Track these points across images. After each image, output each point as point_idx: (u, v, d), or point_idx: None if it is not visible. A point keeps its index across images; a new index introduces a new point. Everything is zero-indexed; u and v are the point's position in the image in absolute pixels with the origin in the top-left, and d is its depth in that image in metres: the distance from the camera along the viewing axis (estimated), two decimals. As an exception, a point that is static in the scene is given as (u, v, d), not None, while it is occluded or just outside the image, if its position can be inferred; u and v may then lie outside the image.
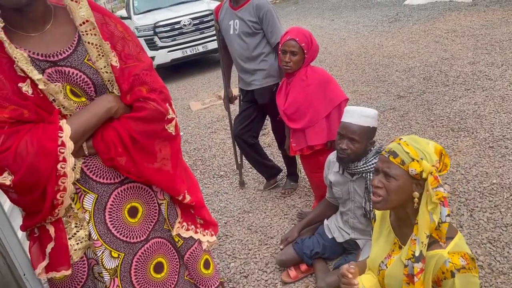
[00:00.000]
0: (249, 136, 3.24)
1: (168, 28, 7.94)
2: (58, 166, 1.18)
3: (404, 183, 1.41)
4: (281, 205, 3.23)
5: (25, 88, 1.18)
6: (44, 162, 1.15)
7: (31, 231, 1.33)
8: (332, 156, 2.39)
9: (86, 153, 1.29)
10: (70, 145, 1.19)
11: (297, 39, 2.45)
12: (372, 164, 2.09)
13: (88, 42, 1.26)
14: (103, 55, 1.27)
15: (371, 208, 2.15)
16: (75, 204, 1.31)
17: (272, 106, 2.86)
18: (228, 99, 3.42)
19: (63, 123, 1.20)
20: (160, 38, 7.94)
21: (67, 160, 1.19)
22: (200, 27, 8.06)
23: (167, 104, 1.36)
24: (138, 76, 1.30)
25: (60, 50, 1.25)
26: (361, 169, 2.12)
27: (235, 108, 3.74)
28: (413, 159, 1.39)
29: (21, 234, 1.53)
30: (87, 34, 1.26)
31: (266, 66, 2.97)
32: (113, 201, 1.36)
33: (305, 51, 2.47)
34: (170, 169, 1.39)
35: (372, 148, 2.14)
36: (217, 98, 6.30)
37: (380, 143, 3.71)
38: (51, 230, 1.29)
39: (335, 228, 2.43)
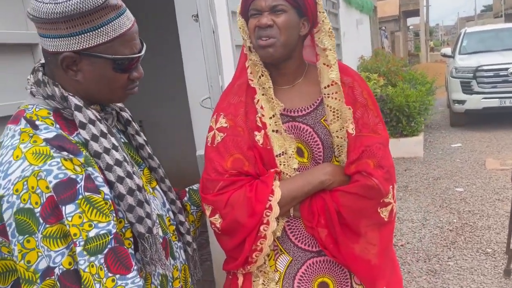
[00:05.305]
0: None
1: (491, 74, 7.25)
2: (261, 228, 1.20)
3: None
4: (550, 322, 2.54)
5: (258, 137, 1.24)
6: (248, 221, 1.20)
7: (228, 272, 1.40)
8: None
9: (291, 215, 1.28)
10: (276, 210, 1.20)
11: None
12: None
13: (327, 105, 1.27)
14: (338, 119, 1.27)
15: None
16: (269, 261, 1.30)
17: None
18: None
19: (275, 186, 1.21)
20: (478, 83, 7.35)
21: (270, 223, 1.20)
22: (533, 78, 7.00)
23: (390, 187, 1.27)
24: (369, 148, 1.25)
25: (302, 107, 1.29)
26: None
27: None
28: None
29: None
30: (328, 97, 1.27)
31: None
32: (305, 270, 1.31)
33: None
34: (373, 257, 1.26)
35: None
36: (523, 163, 5.39)
37: None
38: (240, 280, 1.32)
39: None
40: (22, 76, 1.28)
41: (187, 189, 1.40)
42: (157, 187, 1.19)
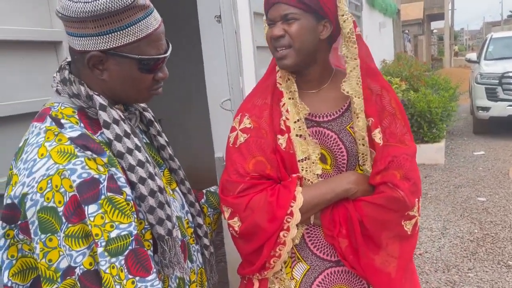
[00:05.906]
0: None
1: (518, 81, 7.08)
2: (281, 234, 1.18)
3: None
4: None
5: (281, 141, 1.22)
6: (268, 226, 1.17)
7: (242, 277, 1.37)
8: None
9: (311, 222, 1.25)
10: (297, 217, 1.17)
11: None
12: None
13: (355, 112, 1.23)
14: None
15: None
16: (286, 268, 1.27)
17: None
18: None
19: (298, 192, 1.19)
20: (504, 90, 7.18)
21: (291, 230, 1.18)
22: None
23: (416, 200, 1.23)
24: (396, 158, 1.21)
25: (328, 112, 1.27)
26: None
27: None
28: None
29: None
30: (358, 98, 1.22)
31: None
32: (322, 280, 1.28)
33: None
34: (393, 271, 1.22)
35: None
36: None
37: None
38: (256, 285, 1.29)
39: None
40: (46, 73, 1.29)
41: (204, 191, 1.39)
42: (177, 188, 1.18)
